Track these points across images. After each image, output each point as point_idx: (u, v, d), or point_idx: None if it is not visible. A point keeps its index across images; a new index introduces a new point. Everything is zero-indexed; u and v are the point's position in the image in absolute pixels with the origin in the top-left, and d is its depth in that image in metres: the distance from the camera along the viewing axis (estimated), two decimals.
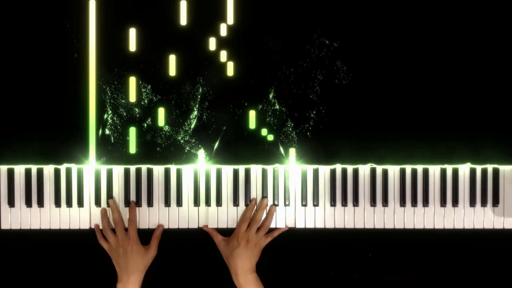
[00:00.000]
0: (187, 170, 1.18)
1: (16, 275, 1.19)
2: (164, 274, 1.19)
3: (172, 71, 1.17)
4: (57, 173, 1.17)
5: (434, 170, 1.19)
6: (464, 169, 1.18)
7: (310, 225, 1.19)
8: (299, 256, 1.19)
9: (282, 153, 1.18)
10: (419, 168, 1.18)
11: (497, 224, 1.18)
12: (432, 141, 1.18)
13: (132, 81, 1.17)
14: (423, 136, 1.18)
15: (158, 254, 1.15)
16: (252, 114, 1.17)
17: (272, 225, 1.18)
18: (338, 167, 1.18)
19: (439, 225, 1.18)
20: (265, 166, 1.18)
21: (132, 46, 1.17)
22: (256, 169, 1.19)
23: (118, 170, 1.18)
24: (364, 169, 1.19)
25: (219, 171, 1.18)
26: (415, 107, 1.17)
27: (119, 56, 1.16)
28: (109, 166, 1.17)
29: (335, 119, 1.18)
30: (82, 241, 1.17)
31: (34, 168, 1.17)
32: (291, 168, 1.18)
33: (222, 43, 1.17)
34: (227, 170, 1.18)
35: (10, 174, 1.17)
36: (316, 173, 1.18)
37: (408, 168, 1.18)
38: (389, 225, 1.18)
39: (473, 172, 1.18)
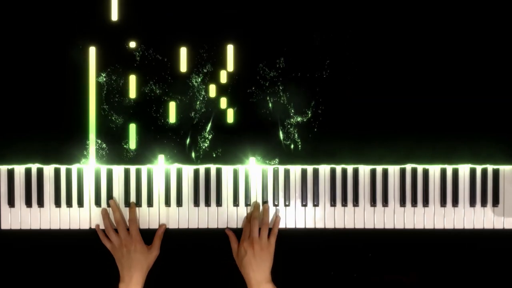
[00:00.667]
0: (187, 170, 1.18)
1: (16, 275, 1.19)
2: (165, 274, 1.19)
3: (172, 117, 1.17)
4: (57, 173, 1.17)
5: (434, 170, 1.19)
6: (464, 169, 1.18)
7: (310, 225, 1.19)
8: (299, 256, 1.19)
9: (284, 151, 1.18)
10: (419, 168, 1.18)
11: (497, 224, 1.18)
12: (432, 141, 1.18)
13: (132, 128, 1.17)
14: (423, 136, 1.18)
15: (159, 254, 1.15)
16: (252, 160, 1.18)
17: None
18: (338, 167, 1.18)
19: (439, 225, 1.18)
20: (265, 166, 1.18)
21: (132, 93, 1.17)
22: (256, 169, 1.19)
23: (118, 170, 1.18)
24: (364, 169, 1.19)
25: (219, 171, 1.18)
26: (415, 107, 1.17)
27: (119, 102, 1.17)
28: (109, 166, 1.17)
29: (335, 120, 1.18)
30: (82, 241, 1.17)
31: (34, 168, 1.17)
32: (291, 168, 1.18)
33: (222, 90, 1.17)
34: (227, 170, 1.18)
35: (10, 174, 1.17)
36: (316, 173, 1.18)
37: (408, 168, 1.18)
38: (389, 225, 1.18)
39: (473, 172, 1.18)
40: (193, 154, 1.17)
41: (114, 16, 1.16)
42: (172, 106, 1.17)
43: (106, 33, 1.16)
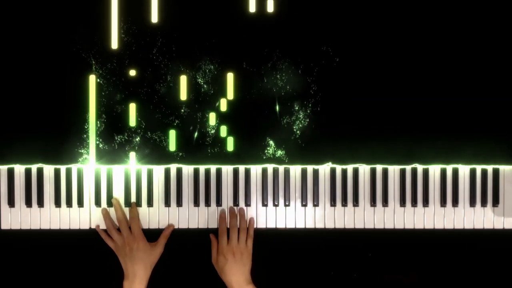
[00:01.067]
0: (187, 169, 1.18)
1: (16, 275, 1.19)
2: (165, 274, 1.18)
3: (172, 146, 1.17)
4: (57, 173, 1.17)
5: (434, 170, 1.19)
6: (464, 169, 1.18)
7: (310, 225, 1.19)
8: (299, 256, 1.19)
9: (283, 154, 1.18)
10: (419, 168, 1.18)
11: (497, 224, 1.18)
12: (432, 141, 1.18)
13: (132, 156, 1.17)
14: (423, 135, 1.18)
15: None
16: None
17: (272, 225, 1.18)
18: (338, 167, 1.18)
19: (439, 225, 1.18)
20: (265, 166, 1.18)
21: (132, 121, 1.17)
22: (256, 169, 1.19)
23: (118, 170, 1.18)
24: (364, 169, 1.19)
25: (219, 171, 1.18)
26: (415, 106, 1.17)
27: (119, 130, 1.17)
28: (109, 166, 1.17)
29: (335, 119, 1.18)
30: (82, 241, 1.17)
31: (34, 168, 1.17)
32: (291, 168, 1.18)
33: (222, 118, 1.17)
34: (227, 170, 1.18)
35: (10, 174, 1.17)
36: (316, 173, 1.18)
37: (408, 168, 1.18)
38: (389, 225, 1.18)
39: (473, 172, 1.18)
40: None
41: (114, 44, 1.16)
42: (172, 134, 1.17)
43: (106, 60, 1.16)
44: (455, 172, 1.18)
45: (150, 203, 1.18)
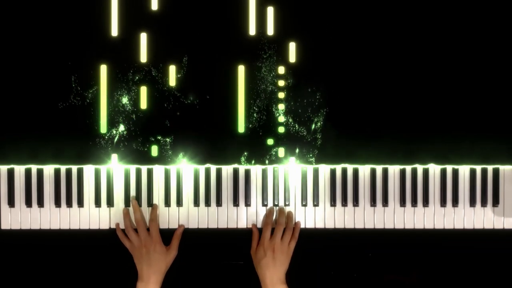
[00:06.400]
0: (187, 170, 1.18)
1: (16, 275, 1.19)
2: (172, 274, 1.18)
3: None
4: (57, 173, 1.17)
5: (434, 170, 1.19)
6: (464, 169, 1.18)
7: (310, 225, 1.19)
8: (299, 256, 1.19)
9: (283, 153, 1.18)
10: (419, 168, 1.18)
11: (497, 224, 1.18)
12: (432, 141, 1.18)
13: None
14: (423, 136, 1.18)
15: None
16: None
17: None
18: (338, 167, 1.18)
19: (439, 225, 1.18)
20: (265, 166, 1.18)
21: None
22: (256, 169, 1.19)
23: (118, 170, 1.18)
24: (364, 169, 1.19)
25: (219, 171, 1.18)
26: (415, 107, 1.17)
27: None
28: (109, 166, 1.17)
29: (335, 119, 1.18)
30: (82, 241, 1.17)
31: (34, 168, 1.17)
32: (291, 168, 1.18)
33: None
34: (227, 170, 1.18)
35: (10, 174, 1.17)
36: (316, 173, 1.18)
37: (408, 168, 1.18)
38: (389, 225, 1.18)
39: (473, 172, 1.18)
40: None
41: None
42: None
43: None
44: (455, 172, 1.18)
45: (150, 203, 1.18)
